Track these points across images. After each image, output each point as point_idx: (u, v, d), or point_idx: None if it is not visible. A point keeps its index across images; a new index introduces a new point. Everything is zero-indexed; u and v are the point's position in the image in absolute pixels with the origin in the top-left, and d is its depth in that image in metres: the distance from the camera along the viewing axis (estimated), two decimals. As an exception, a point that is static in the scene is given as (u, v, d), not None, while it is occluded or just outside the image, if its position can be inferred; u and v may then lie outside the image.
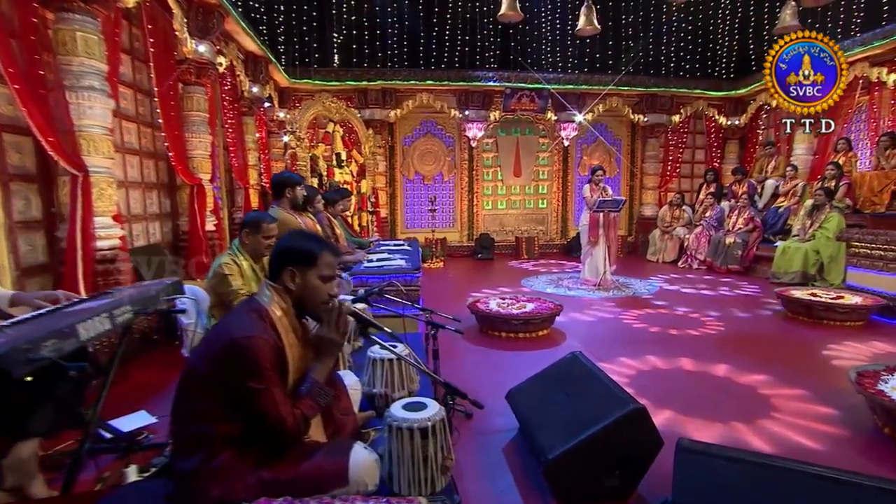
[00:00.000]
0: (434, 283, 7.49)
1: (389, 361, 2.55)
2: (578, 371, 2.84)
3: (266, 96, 8.16)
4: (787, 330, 5.09)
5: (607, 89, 9.67)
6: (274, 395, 1.64)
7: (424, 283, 7.12)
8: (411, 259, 4.72)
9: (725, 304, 6.12)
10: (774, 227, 7.93)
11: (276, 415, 1.63)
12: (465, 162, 10.29)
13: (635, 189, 10.89)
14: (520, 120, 10.30)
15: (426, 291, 6.75)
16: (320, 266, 1.82)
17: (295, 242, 1.84)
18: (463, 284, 7.43)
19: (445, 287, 7.29)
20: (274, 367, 1.67)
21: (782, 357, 4.25)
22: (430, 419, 1.77)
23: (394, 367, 2.55)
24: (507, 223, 10.67)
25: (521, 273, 8.32)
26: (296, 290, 1.80)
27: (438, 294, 6.72)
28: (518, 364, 4.02)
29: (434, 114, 9.98)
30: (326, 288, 1.83)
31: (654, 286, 7.15)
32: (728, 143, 10.67)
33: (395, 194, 10.17)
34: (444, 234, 10.16)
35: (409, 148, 10.14)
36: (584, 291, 6.72)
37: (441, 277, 8.04)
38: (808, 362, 4.13)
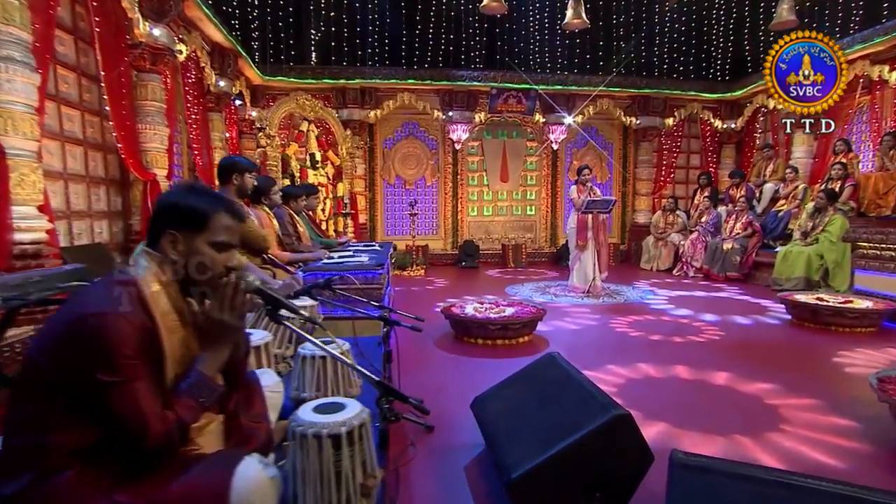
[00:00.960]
0: (412, 291, 7.20)
1: (322, 360, 2.17)
2: (555, 374, 2.47)
3: (236, 93, 7.84)
4: (792, 336, 4.77)
5: (598, 90, 9.48)
6: (135, 392, 1.26)
7: (402, 291, 6.87)
8: (377, 257, 4.36)
9: (724, 310, 5.84)
10: (774, 232, 7.70)
11: (136, 417, 1.25)
12: (448, 166, 10.05)
13: (628, 195, 10.69)
14: (506, 122, 10.10)
15: (403, 299, 6.39)
16: (213, 230, 1.45)
17: (179, 198, 1.47)
18: (443, 292, 7.10)
19: (423, 294, 6.97)
20: (139, 354, 1.29)
21: (789, 364, 3.91)
22: (346, 423, 1.39)
23: (327, 367, 2.17)
24: (494, 230, 10.43)
25: (507, 281, 8.04)
26: (179, 260, 1.42)
27: (415, 300, 6.39)
28: (493, 372, 3.65)
29: (416, 115, 9.75)
30: (221, 258, 1.46)
31: (648, 294, 6.89)
32: (724, 147, 10.50)
33: (374, 199, 9.89)
34: (427, 242, 9.89)
35: (389, 150, 9.90)
36: (573, 299, 6.44)
37: (420, 285, 7.73)
38: (819, 370, 3.79)
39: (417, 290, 7.36)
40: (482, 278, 8.43)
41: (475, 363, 3.96)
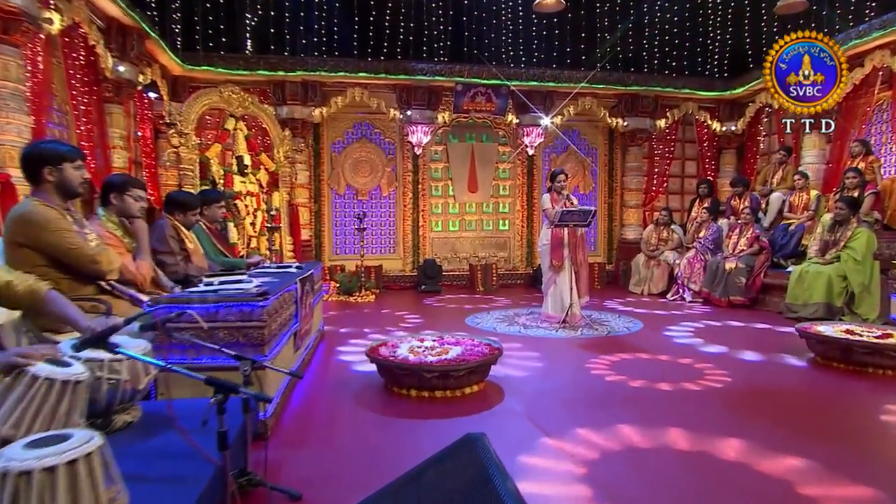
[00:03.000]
0: (348, 323, 6.36)
1: (48, 382, 1.39)
2: (467, 476, 1.57)
3: (146, 82, 6.96)
4: (819, 382, 4.01)
5: (579, 87, 9.02)
6: None
7: (337, 323, 6.02)
8: (277, 283, 3.48)
9: (730, 344, 5.10)
10: (785, 249, 7.11)
11: None
12: (408, 174, 9.45)
13: (615, 207, 10.24)
14: (475, 123, 9.58)
15: (333, 336, 5.51)
16: None
17: None
18: (387, 323, 6.26)
19: (361, 326, 6.10)
20: None
21: (823, 426, 3.10)
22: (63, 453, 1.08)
23: (50, 395, 1.39)
24: (461, 248, 9.82)
25: (471, 308, 7.30)
26: None
27: (347, 336, 5.54)
28: (422, 441, 2.85)
29: (369, 114, 9.15)
30: None
31: (637, 324, 6.19)
32: (723, 152, 10.10)
33: (321, 212, 9.17)
34: (382, 262, 9.22)
35: (338, 155, 9.25)
36: (545, 331, 5.72)
37: (362, 315, 6.92)
38: (864, 434, 2.97)
39: (357, 321, 6.52)
40: (442, 304, 7.68)
41: (401, 427, 3.12)
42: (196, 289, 3.09)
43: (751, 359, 4.62)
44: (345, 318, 6.56)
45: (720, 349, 4.95)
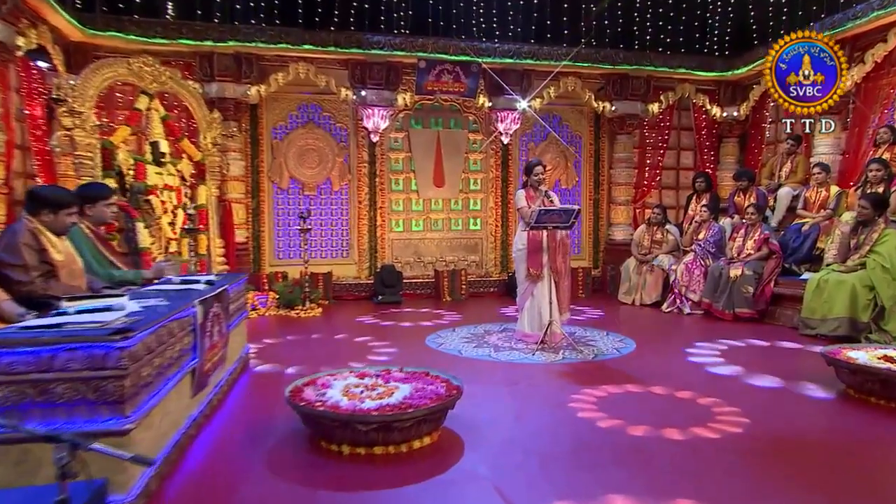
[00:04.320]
0: (282, 346, 5.78)
1: None
2: None
3: (31, 47, 6.24)
4: (857, 426, 3.54)
5: (561, 66, 8.64)
6: None
7: (268, 345, 5.51)
8: (159, 308, 2.83)
9: (741, 370, 4.68)
10: (799, 253, 6.80)
11: None
12: (363, 165, 8.97)
13: (601, 204, 10.00)
14: (441, 107, 9.18)
15: (264, 362, 4.87)
16: None
17: None
18: (330, 346, 5.70)
19: (298, 350, 5.53)
20: None
21: (874, 492, 2.58)
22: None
23: None
24: (425, 251, 9.40)
25: (433, 325, 6.81)
26: None
27: (276, 364, 4.91)
28: None
29: (317, 94, 8.62)
30: None
31: (628, 344, 5.75)
32: (724, 142, 9.86)
33: (259, 209, 8.60)
34: (333, 267, 8.70)
35: (281, 143, 8.70)
36: (520, 354, 5.28)
37: (299, 334, 6.36)
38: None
39: (294, 342, 5.95)
40: (399, 319, 7.16)
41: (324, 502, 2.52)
42: (29, 323, 2.42)
43: (768, 388, 4.21)
44: (280, 339, 5.99)
45: (729, 376, 4.55)
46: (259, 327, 6.54)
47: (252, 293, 7.20)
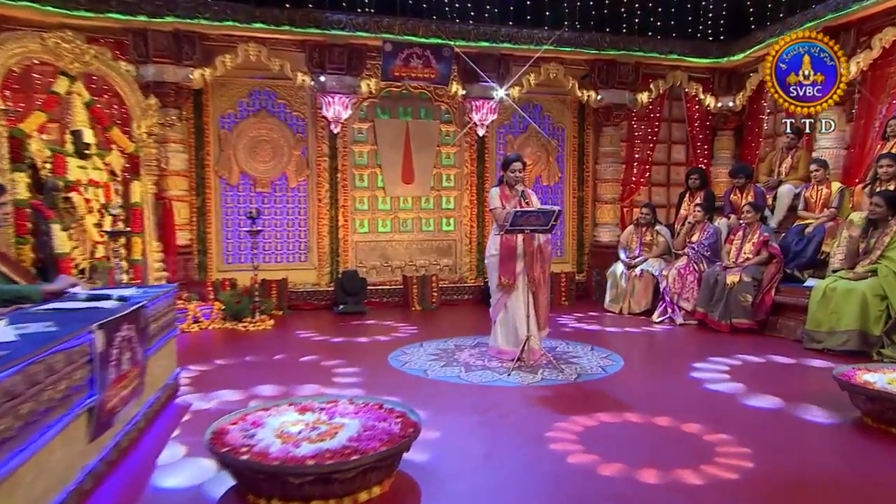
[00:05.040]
0: (222, 366, 5.43)
1: None
2: None
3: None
4: (880, 463, 3.26)
5: (542, 51, 8.51)
6: None
7: (207, 366, 5.04)
8: (42, 335, 2.44)
9: (740, 392, 4.46)
10: (802, 257, 6.66)
11: None
12: (323, 158, 8.73)
13: (586, 203, 9.95)
14: (410, 95, 9.12)
15: (198, 388, 4.48)
16: None
17: None
18: (273, 369, 5.35)
19: (240, 371, 5.19)
20: None
21: None
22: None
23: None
24: (393, 255, 9.22)
25: (398, 339, 6.54)
26: None
27: (211, 390, 4.55)
28: None
29: (271, 80, 8.38)
30: None
31: (615, 360, 5.52)
32: (719, 135, 9.88)
33: (206, 208, 8.29)
34: (288, 273, 8.46)
35: (230, 133, 8.41)
36: (493, 374, 5.02)
37: (244, 352, 6.02)
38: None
39: (237, 362, 5.61)
40: (360, 333, 6.86)
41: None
42: None
43: (772, 413, 3.98)
44: (221, 359, 5.62)
45: (727, 398, 4.33)
46: (200, 344, 6.21)
47: (194, 303, 6.87)
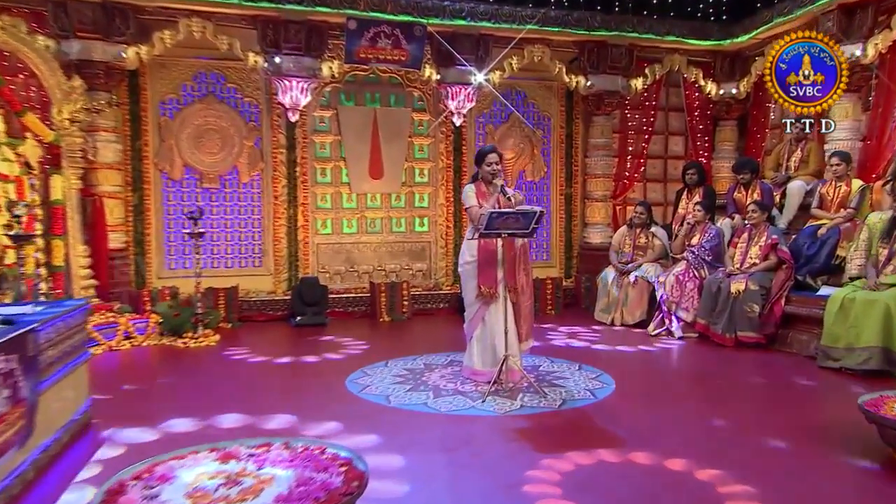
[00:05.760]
0: (147, 395, 5.09)
1: None
2: None
3: None
4: None
5: (526, 31, 8.40)
6: None
7: (127, 396, 4.66)
8: None
9: (749, 422, 4.25)
10: (815, 262, 6.53)
11: None
12: (280, 150, 8.55)
13: (575, 200, 9.94)
14: (378, 80, 8.99)
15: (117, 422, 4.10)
16: None
17: None
18: (208, 396, 5.03)
19: (167, 401, 4.85)
20: None
21: None
22: None
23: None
24: (360, 259, 9.07)
25: (361, 355, 6.30)
26: None
27: (129, 425, 4.16)
28: None
29: (219, 60, 8.12)
30: None
31: (606, 383, 5.30)
32: (721, 126, 9.89)
33: (143, 206, 8.04)
34: (240, 280, 8.23)
35: (172, 121, 8.18)
36: (466, 401, 4.79)
37: (179, 375, 5.76)
38: None
39: (167, 388, 5.33)
40: (316, 350, 6.57)
41: None
42: None
43: (788, 451, 3.69)
44: (148, 384, 5.30)
45: (734, 432, 4.06)
46: (128, 365, 5.90)
47: (126, 316, 6.52)
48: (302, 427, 4.02)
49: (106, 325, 6.19)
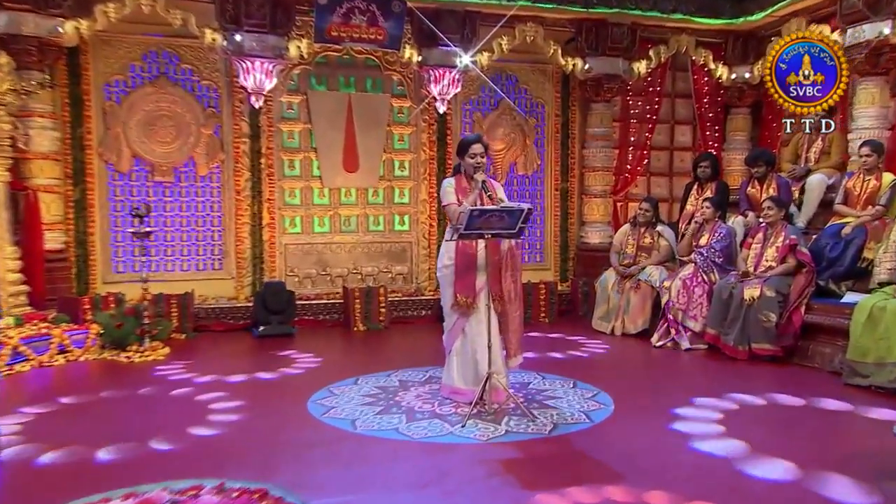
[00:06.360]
0: (55, 424, 4.79)
1: None
2: None
3: None
4: None
5: (517, 7, 8.36)
6: None
7: (50, 424, 4.39)
8: None
9: (776, 452, 3.97)
10: (838, 265, 6.45)
11: None
12: (242, 140, 8.49)
13: (571, 195, 9.95)
14: (352, 61, 8.96)
15: None
16: None
17: None
18: (144, 422, 4.80)
19: (85, 434, 4.57)
20: None
21: None
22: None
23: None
24: (334, 261, 9.10)
25: (325, 373, 6.08)
26: None
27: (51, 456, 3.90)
28: None
29: (172, 38, 8.10)
30: None
31: (605, 403, 5.11)
32: (733, 113, 9.86)
33: (86, 202, 7.90)
34: (197, 285, 8.18)
35: (118, 106, 8.06)
36: (444, 426, 4.60)
37: (120, 394, 5.47)
38: None
39: (102, 413, 5.02)
40: (279, 366, 6.39)
41: None
42: None
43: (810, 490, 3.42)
44: (68, 405, 5.02)
45: (751, 460, 3.81)
46: (58, 383, 5.67)
47: (62, 327, 6.33)
48: (245, 461, 3.75)
49: (37, 338, 5.97)
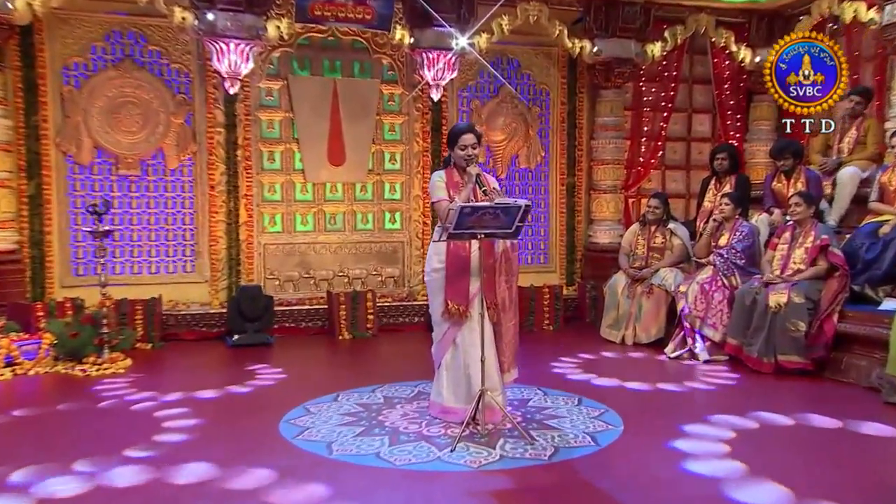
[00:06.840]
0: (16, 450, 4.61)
1: None
2: None
3: None
4: None
5: None
6: None
7: None
8: None
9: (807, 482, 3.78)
10: (875, 269, 6.31)
11: None
12: (217, 130, 8.44)
13: (578, 191, 9.90)
14: (337, 44, 8.85)
15: None
16: None
17: None
18: (92, 446, 4.60)
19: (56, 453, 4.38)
20: None
21: None
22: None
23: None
24: (318, 262, 9.04)
25: (302, 388, 5.92)
26: None
27: None
28: None
29: (138, 16, 7.99)
30: None
31: (613, 424, 4.97)
32: (756, 101, 9.86)
33: (42, 198, 7.82)
34: (167, 289, 8.11)
35: (78, 92, 7.94)
36: (431, 449, 4.49)
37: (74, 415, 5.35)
38: None
39: (51, 437, 4.88)
40: (251, 378, 6.27)
41: None
42: None
43: None
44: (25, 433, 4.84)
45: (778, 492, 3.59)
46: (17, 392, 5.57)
47: (11, 337, 6.21)
48: (200, 491, 3.54)
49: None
